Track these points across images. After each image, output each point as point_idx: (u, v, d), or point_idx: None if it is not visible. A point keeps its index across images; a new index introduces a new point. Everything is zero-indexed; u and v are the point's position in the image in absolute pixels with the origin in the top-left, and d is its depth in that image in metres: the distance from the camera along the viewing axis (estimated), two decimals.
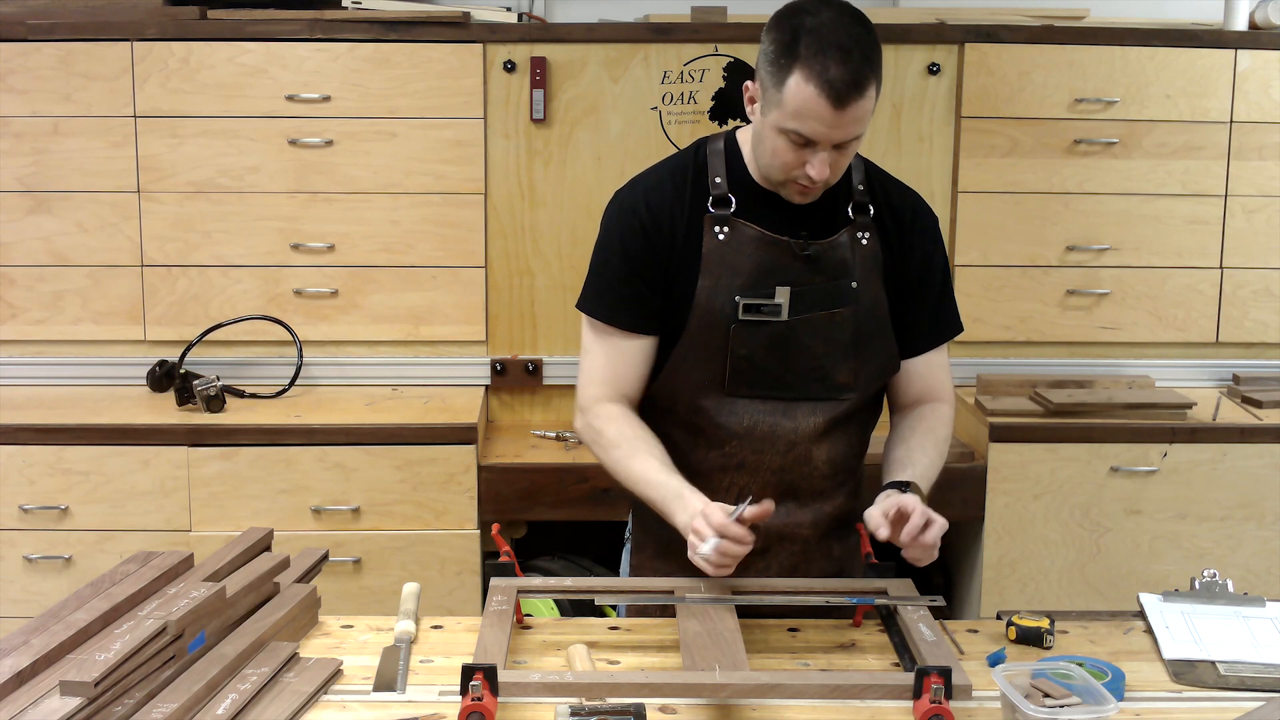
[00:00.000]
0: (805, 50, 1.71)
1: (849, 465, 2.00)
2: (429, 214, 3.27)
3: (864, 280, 1.91)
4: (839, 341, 1.90)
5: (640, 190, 1.93)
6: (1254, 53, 3.26)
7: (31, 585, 2.99)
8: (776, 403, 1.90)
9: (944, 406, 2.02)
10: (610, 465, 1.92)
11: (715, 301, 1.87)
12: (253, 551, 1.94)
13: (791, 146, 1.78)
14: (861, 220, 1.92)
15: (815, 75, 1.70)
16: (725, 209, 1.88)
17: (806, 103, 1.72)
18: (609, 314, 1.92)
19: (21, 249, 3.24)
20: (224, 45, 3.17)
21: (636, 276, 1.90)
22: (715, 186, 1.89)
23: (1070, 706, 1.50)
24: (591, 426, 1.93)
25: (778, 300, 1.87)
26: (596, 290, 1.94)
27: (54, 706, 1.43)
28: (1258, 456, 3.06)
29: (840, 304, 1.89)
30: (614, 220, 1.93)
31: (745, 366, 1.89)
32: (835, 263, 1.89)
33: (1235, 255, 3.34)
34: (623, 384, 1.94)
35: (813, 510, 1.96)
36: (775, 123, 1.77)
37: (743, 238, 1.88)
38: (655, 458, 1.87)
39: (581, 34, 3.24)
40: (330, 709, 1.63)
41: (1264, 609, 1.90)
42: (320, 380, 3.32)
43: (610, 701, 1.56)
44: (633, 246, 1.90)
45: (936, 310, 2.00)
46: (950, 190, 3.31)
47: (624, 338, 1.92)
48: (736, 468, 1.93)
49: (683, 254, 1.89)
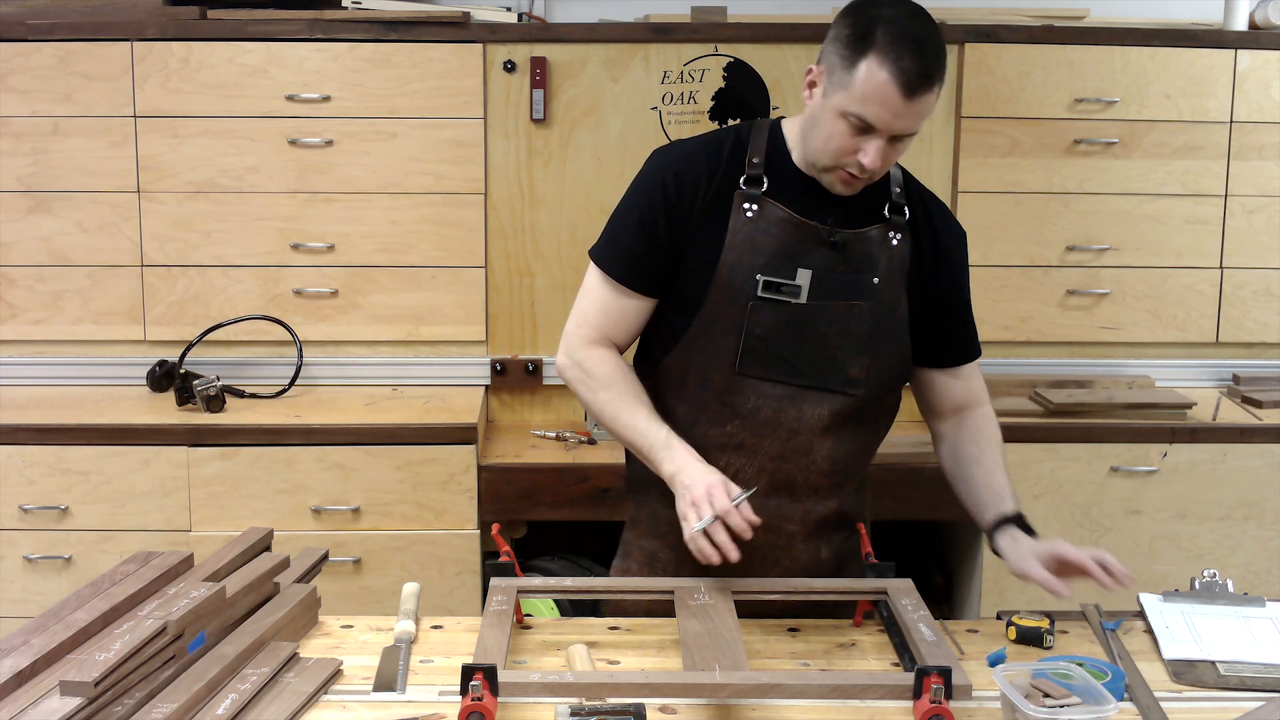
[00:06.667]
0: (882, 38, 1.75)
1: (849, 468, 1.99)
2: (429, 214, 3.27)
3: (886, 279, 1.92)
4: (855, 334, 1.91)
5: (675, 154, 1.96)
6: (1254, 53, 3.26)
7: (31, 585, 2.99)
8: (785, 388, 1.90)
9: (988, 408, 2.07)
10: (596, 406, 1.94)
11: (736, 278, 1.88)
12: (253, 551, 1.94)
13: (850, 131, 1.80)
14: (895, 221, 1.94)
15: (890, 63, 1.74)
16: (757, 188, 1.90)
17: (878, 89, 1.75)
18: (611, 266, 1.95)
19: (21, 249, 3.24)
20: (224, 45, 3.17)
21: (644, 235, 1.93)
22: (752, 166, 1.91)
23: (1070, 706, 1.50)
24: (581, 365, 1.95)
25: (798, 282, 1.88)
26: (607, 241, 1.98)
27: (54, 706, 1.43)
28: (1258, 456, 3.06)
29: (860, 297, 1.90)
30: (644, 176, 1.97)
31: (759, 346, 1.89)
32: (860, 255, 1.90)
33: (1235, 255, 3.34)
34: (614, 332, 1.97)
35: (803, 507, 1.95)
36: (839, 105, 1.79)
37: (770, 218, 1.89)
38: (644, 405, 1.91)
39: (581, 34, 3.24)
40: (330, 709, 1.63)
41: (1264, 609, 1.90)
42: (320, 380, 3.33)
43: (610, 701, 1.56)
44: (650, 207, 1.93)
45: (964, 328, 2.06)
46: (950, 190, 3.31)
47: (623, 292, 1.95)
48: (735, 448, 1.93)
49: (703, 226, 1.90)
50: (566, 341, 1.99)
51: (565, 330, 2.00)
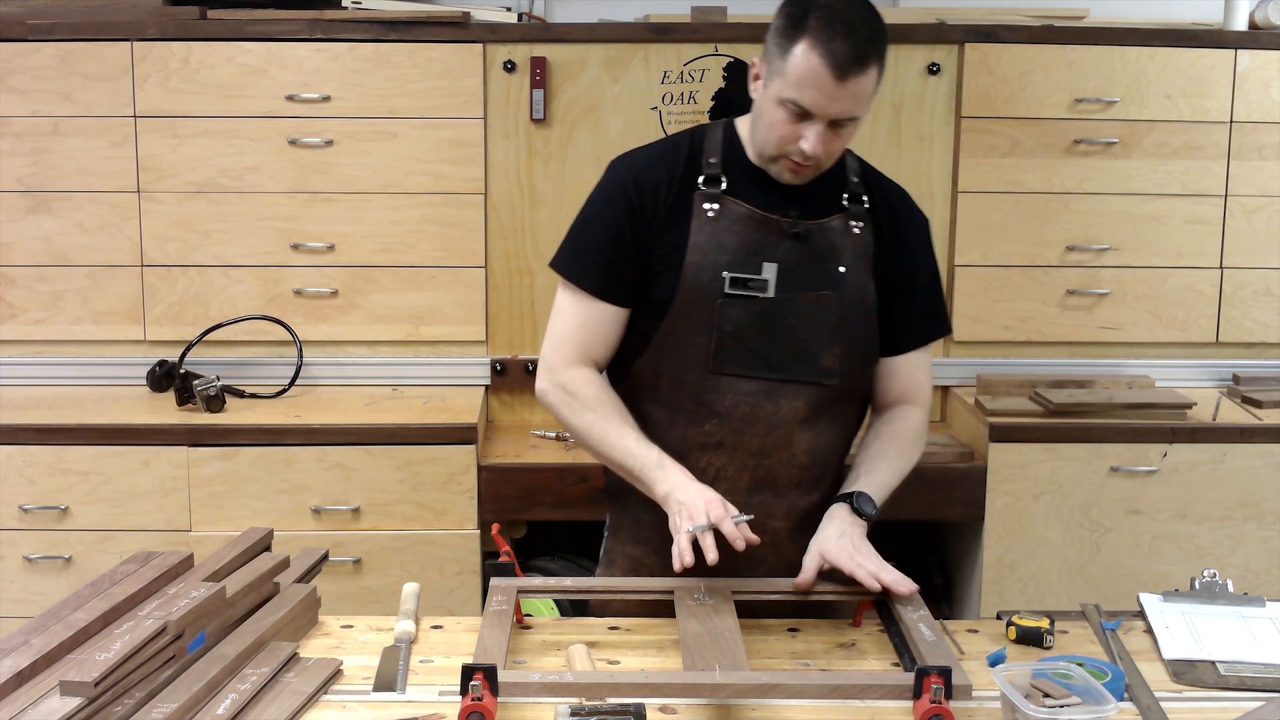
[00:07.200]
0: (814, 23, 1.78)
1: (827, 460, 2.01)
2: (429, 214, 3.27)
3: (852, 267, 1.94)
4: (824, 324, 1.92)
5: (632, 162, 1.98)
6: (1254, 53, 3.26)
7: (31, 585, 2.99)
8: (761, 383, 1.92)
9: (918, 411, 2.06)
10: (583, 429, 1.93)
11: (702, 277, 1.89)
12: (253, 551, 1.94)
13: (789, 118, 1.82)
14: (855, 209, 1.96)
15: (820, 45, 1.77)
16: (716, 187, 1.92)
17: (810, 72, 1.78)
18: (583, 279, 1.95)
19: (21, 249, 3.24)
20: (224, 45, 3.17)
21: (612, 244, 1.93)
22: (709, 166, 1.93)
23: (1070, 706, 1.50)
24: (565, 388, 1.94)
25: (765, 276, 1.90)
26: (571, 253, 1.98)
27: (54, 706, 1.43)
28: (1258, 456, 3.06)
29: (827, 287, 1.92)
30: (603, 186, 1.99)
31: (731, 344, 1.90)
32: (824, 245, 1.93)
33: (1235, 255, 3.34)
34: (594, 349, 1.96)
35: (786, 503, 1.96)
36: (776, 93, 1.82)
37: (732, 215, 1.91)
38: (632, 427, 1.91)
39: (581, 34, 3.24)
40: (330, 709, 1.63)
41: (1264, 609, 1.90)
42: (320, 380, 3.33)
43: (610, 701, 1.56)
44: (614, 215, 1.94)
45: (925, 309, 2.04)
46: (950, 190, 3.31)
47: (598, 305, 1.95)
48: (715, 447, 1.93)
49: (666, 229, 1.91)
50: (546, 365, 1.98)
51: (542, 355, 1.99)
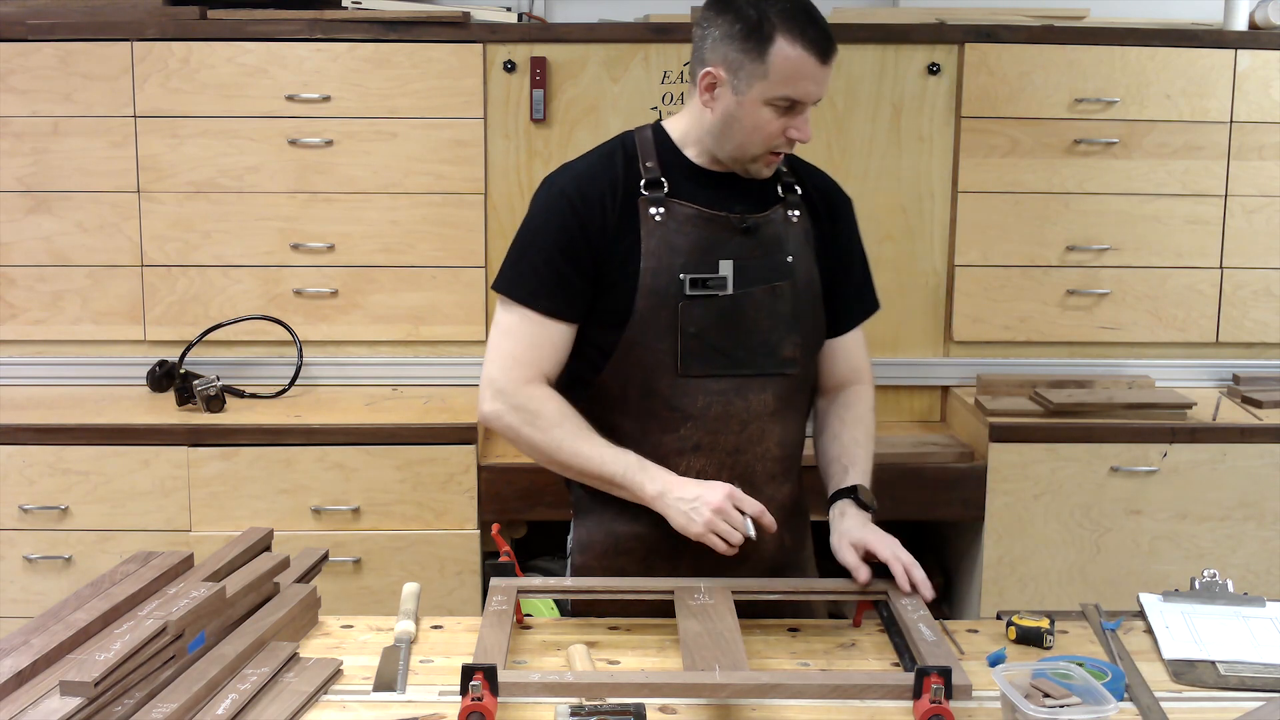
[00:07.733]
0: (779, 20, 1.82)
1: (795, 450, 2.04)
2: (429, 214, 3.27)
3: (798, 255, 1.97)
4: (781, 315, 1.94)
5: (571, 174, 1.95)
6: (1254, 53, 3.26)
7: (31, 585, 2.99)
8: (730, 380, 1.92)
9: (868, 389, 2.11)
10: (550, 446, 1.89)
11: (660, 281, 1.89)
12: (253, 551, 1.94)
13: (776, 115, 1.85)
14: (791, 199, 1.99)
15: (798, 37, 1.81)
16: (658, 191, 1.91)
17: (798, 65, 1.82)
18: (534, 300, 1.90)
19: (21, 249, 3.24)
20: (224, 45, 3.17)
21: (563, 259, 1.89)
22: (647, 170, 1.93)
23: (1070, 706, 1.50)
24: (524, 408, 1.89)
25: (722, 274, 1.90)
26: (517, 272, 1.92)
27: (54, 706, 1.43)
28: (1258, 456, 3.06)
29: (779, 277, 1.94)
30: (542, 204, 1.94)
31: (696, 345, 1.90)
32: (771, 237, 1.95)
33: (1235, 255, 3.34)
34: (546, 367, 1.92)
35: (764, 496, 1.95)
36: (760, 95, 1.84)
37: (680, 217, 1.91)
38: (599, 436, 1.90)
39: (581, 34, 3.24)
40: (330, 709, 1.63)
41: (1264, 609, 1.90)
42: (320, 380, 3.33)
43: (610, 701, 1.56)
44: (562, 230, 1.89)
45: (859, 288, 2.10)
46: (950, 190, 3.31)
47: (544, 323, 1.90)
48: (692, 450, 1.93)
49: (617, 239, 1.90)
50: (495, 388, 1.90)
51: (488, 377, 1.91)
